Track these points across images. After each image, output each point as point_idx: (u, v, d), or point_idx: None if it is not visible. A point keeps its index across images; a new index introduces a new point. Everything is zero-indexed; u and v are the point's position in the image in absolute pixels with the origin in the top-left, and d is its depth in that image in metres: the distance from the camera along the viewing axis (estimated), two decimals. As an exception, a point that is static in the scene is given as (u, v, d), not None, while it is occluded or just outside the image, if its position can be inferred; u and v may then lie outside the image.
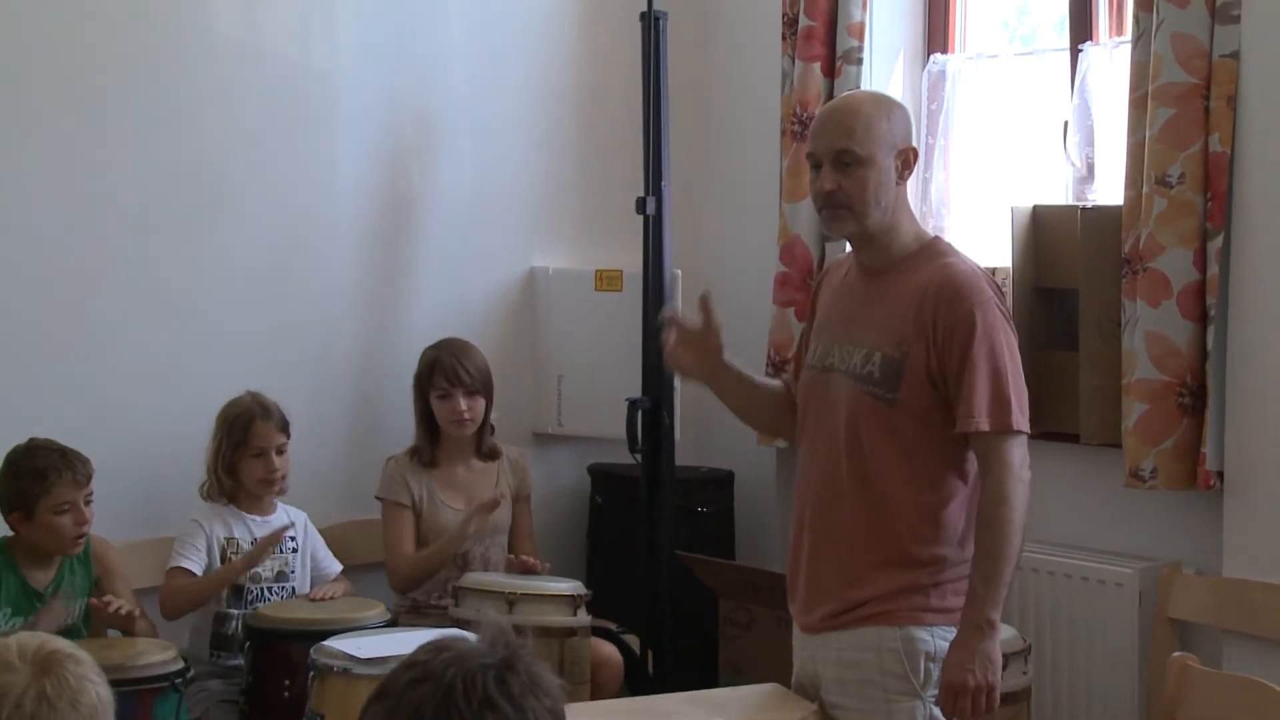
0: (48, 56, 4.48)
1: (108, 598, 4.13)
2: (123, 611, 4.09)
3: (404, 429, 4.82)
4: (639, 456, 4.89)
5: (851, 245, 3.43)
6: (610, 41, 5.35)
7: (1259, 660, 3.96)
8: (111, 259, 4.63)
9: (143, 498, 4.63)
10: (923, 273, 3.26)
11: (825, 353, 3.36)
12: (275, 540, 4.39)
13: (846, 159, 3.23)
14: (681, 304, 4.98)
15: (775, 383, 3.60)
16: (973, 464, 3.25)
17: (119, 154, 4.63)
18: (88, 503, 4.17)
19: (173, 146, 4.70)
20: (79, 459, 4.17)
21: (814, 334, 3.45)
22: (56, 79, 4.50)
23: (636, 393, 4.88)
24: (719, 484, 5.35)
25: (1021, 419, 3.21)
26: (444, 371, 4.68)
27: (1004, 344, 3.22)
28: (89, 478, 4.16)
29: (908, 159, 3.30)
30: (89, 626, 4.19)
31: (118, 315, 4.65)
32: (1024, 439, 3.23)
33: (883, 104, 3.35)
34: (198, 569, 4.41)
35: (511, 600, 4.27)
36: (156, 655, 3.97)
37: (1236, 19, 4.07)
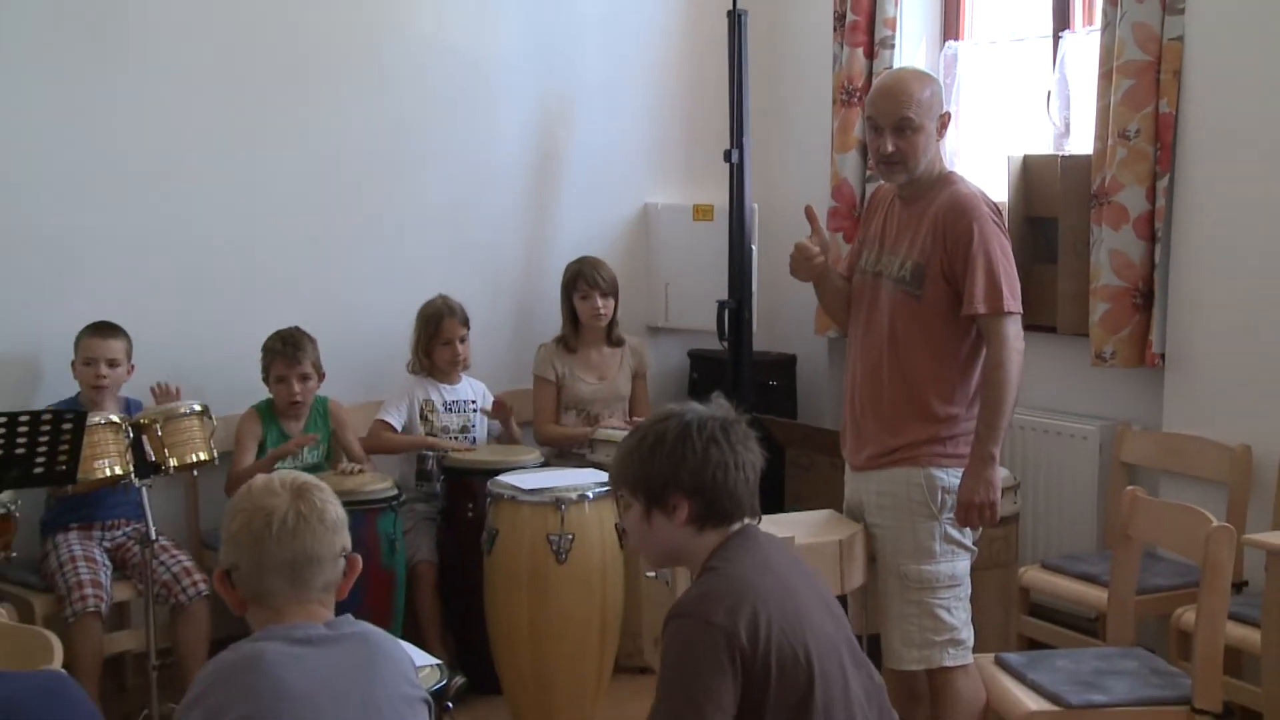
0: (295, 56, 4.65)
1: (342, 465, 4.28)
2: (353, 471, 4.24)
3: (553, 321, 4.95)
4: (726, 344, 4.95)
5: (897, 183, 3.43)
6: (705, 33, 5.38)
7: (1189, 492, 4.07)
8: (341, 196, 4.80)
9: (363, 370, 4.79)
10: (939, 198, 3.26)
11: (876, 260, 3.39)
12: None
13: (904, 125, 3.21)
14: (758, 230, 5.05)
15: (847, 285, 3.58)
16: (979, 345, 3.24)
17: (346, 121, 4.79)
18: (304, 379, 4.27)
19: (383, 115, 4.86)
20: (295, 344, 4.26)
21: (865, 245, 3.45)
22: (302, 71, 4.68)
23: (724, 296, 4.95)
24: (785, 364, 5.39)
25: (1013, 302, 3.17)
26: (585, 278, 4.80)
27: (996, 246, 3.17)
28: (299, 360, 4.26)
29: (944, 121, 3.28)
30: (329, 467, 4.37)
31: (347, 238, 4.82)
32: (1017, 318, 3.19)
33: (926, 80, 3.30)
34: (398, 423, 4.57)
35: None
36: (378, 484, 4.16)
37: (1182, 11, 4.11)
